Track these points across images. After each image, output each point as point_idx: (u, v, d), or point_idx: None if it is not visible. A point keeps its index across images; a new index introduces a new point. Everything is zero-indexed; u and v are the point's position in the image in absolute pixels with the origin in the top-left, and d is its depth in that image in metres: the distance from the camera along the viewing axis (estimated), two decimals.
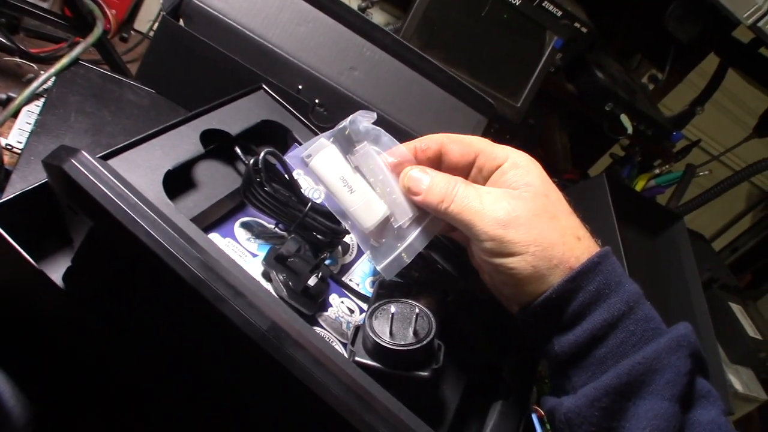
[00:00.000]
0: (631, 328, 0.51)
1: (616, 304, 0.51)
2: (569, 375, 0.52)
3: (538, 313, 0.52)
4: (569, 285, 0.51)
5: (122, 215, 0.38)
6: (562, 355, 0.52)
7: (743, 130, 1.69)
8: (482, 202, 0.52)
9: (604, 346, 0.50)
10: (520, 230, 0.51)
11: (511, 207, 0.51)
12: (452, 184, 0.53)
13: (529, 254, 0.50)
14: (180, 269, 0.38)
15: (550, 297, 0.51)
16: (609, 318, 0.50)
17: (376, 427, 0.39)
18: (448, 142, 0.57)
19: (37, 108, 0.71)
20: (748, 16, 1.08)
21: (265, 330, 0.38)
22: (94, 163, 0.39)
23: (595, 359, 0.51)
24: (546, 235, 0.51)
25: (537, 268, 0.51)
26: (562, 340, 0.52)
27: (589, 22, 1.13)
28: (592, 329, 0.50)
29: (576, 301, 0.51)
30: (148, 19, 1.03)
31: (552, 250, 0.51)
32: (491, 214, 0.51)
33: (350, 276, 0.65)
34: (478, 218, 0.51)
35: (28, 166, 0.61)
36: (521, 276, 0.51)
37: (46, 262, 0.48)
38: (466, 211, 0.52)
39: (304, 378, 0.38)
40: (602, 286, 0.51)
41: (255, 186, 0.57)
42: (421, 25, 1.00)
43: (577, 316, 0.51)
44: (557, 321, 0.52)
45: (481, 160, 0.56)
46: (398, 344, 0.51)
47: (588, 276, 0.51)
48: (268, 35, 0.78)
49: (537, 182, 0.54)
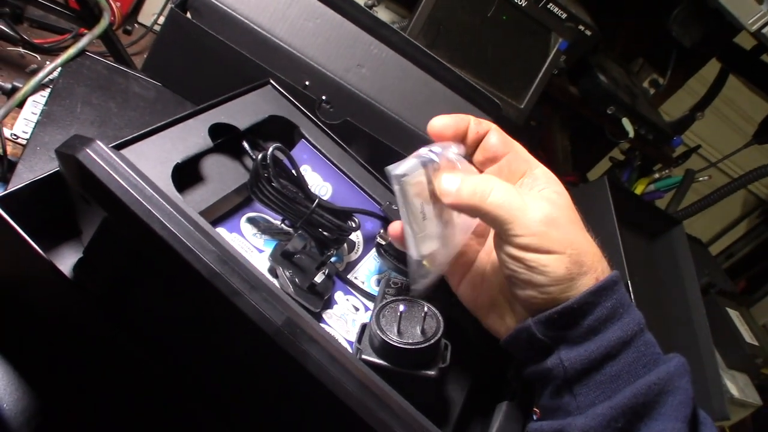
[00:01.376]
0: (641, 349, 0.50)
1: (629, 323, 0.51)
2: (575, 392, 0.51)
3: (554, 321, 0.51)
4: (591, 297, 0.50)
5: (137, 206, 0.37)
6: (571, 369, 0.50)
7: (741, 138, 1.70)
8: (524, 199, 0.51)
9: (617, 364, 0.50)
10: (560, 231, 0.50)
11: (551, 208, 0.51)
12: (485, 180, 0.53)
13: (566, 255, 0.50)
14: (195, 262, 0.37)
15: (571, 307, 0.50)
16: (624, 336, 0.50)
17: (390, 424, 0.39)
18: (494, 130, 0.57)
19: (42, 98, 0.71)
20: (752, 22, 1.08)
21: (281, 325, 0.38)
22: (109, 153, 0.38)
23: (606, 377, 0.50)
24: (580, 242, 0.51)
25: (570, 271, 0.50)
26: (572, 355, 0.51)
27: (593, 25, 1.14)
28: (606, 346, 0.50)
29: (593, 315, 0.50)
30: (152, 12, 1.03)
31: (585, 256, 0.51)
32: (533, 212, 0.51)
33: (355, 274, 0.65)
34: (521, 213, 0.50)
35: (35, 156, 0.60)
36: (553, 276, 0.50)
37: (53, 253, 0.48)
38: (507, 206, 0.51)
39: (318, 374, 0.38)
40: (618, 304, 0.51)
41: (262, 181, 0.57)
42: (426, 24, 1.00)
43: (591, 330, 0.50)
44: (570, 333, 0.51)
45: (510, 158, 0.56)
46: (406, 342, 0.51)
47: (608, 293, 0.51)
48: (276, 30, 0.77)
49: (565, 195, 0.54)
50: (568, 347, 0.51)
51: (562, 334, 0.51)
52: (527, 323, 0.53)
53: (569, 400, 0.51)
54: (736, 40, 1.46)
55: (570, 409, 0.51)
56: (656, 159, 1.56)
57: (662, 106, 1.66)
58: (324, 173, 0.67)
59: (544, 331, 0.52)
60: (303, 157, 0.66)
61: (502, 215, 0.51)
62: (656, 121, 1.38)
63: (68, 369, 0.50)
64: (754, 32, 1.12)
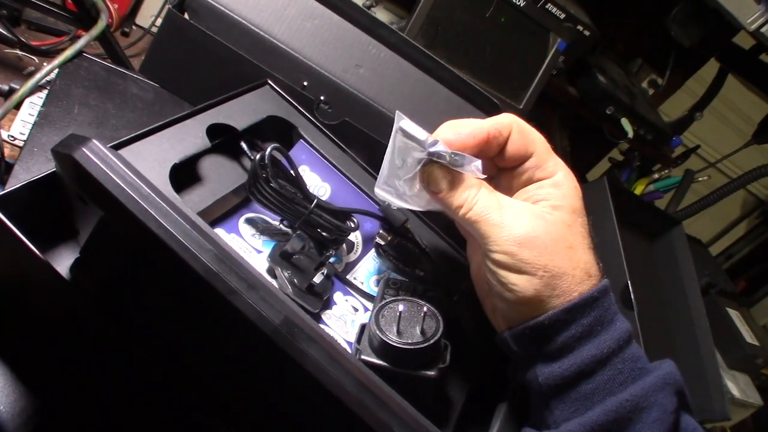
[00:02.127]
0: (619, 366, 0.50)
1: (606, 341, 0.50)
2: (551, 407, 0.51)
3: (527, 336, 0.51)
4: (564, 315, 0.49)
5: (134, 205, 0.37)
6: (545, 386, 0.50)
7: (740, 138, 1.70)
8: (502, 216, 0.50)
9: (591, 382, 0.49)
10: (534, 252, 0.49)
11: (531, 226, 0.50)
12: (474, 192, 0.52)
13: (536, 278, 0.49)
14: (193, 261, 0.37)
15: (542, 323, 0.50)
16: (598, 354, 0.49)
17: (389, 424, 0.39)
18: (516, 129, 0.55)
19: (39, 100, 0.70)
20: (751, 21, 1.08)
21: (278, 324, 0.38)
22: (105, 153, 0.38)
23: (580, 394, 0.49)
24: (557, 264, 0.50)
25: (539, 293, 0.49)
26: (546, 371, 0.50)
27: (592, 25, 1.13)
28: (580, 364, 0.49)
29: (567, 332, 0.50)
30: (150, 14, 1.02)
31: (560, 279, 0.50)
32: (509, 230, 0.50)
33: (354, 274, 0.65)
34: (496, 231, 0.50)
35: (32, 157, 0.60)
36: (521, 295, 0.50)
37: (50, 253, 0.48)
38: (484, 221, 0.50)
39: (317, 373, 0.38)
40: (596, 322, 0.50)
41: (261, 182, 0.56)
42: (425, 24, 1.00)
43: (565, 348, 0.50)
44: (545, 349, 0.51)
45: (531, 163, 0.55)
46: (405, 343, 0.51)
47: (584, 310, 0.50)
48: (274, 31, 0.77)
49: (566, 209, 0.53)
50: (543, 363, 0.51)
51: (536, 348, 0.51)
52: (504, 334, 0.53)
53: (546, 414, 0.51)
54: (735, 40, 1.46)
55: (548, 422, 0.51)
56: (655, 159, 1.56)
57: (661, 107, 1.66)
58: (322, 173, 0.67)
59: (518, 345, 0.52)
60: (301, 158, 0.66)
61: (480, 229, 0.51)
62: (655, 121, 1.37)
63: (66, 369, 0.50)
64: (752, 32, 1.12)
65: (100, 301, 0.45)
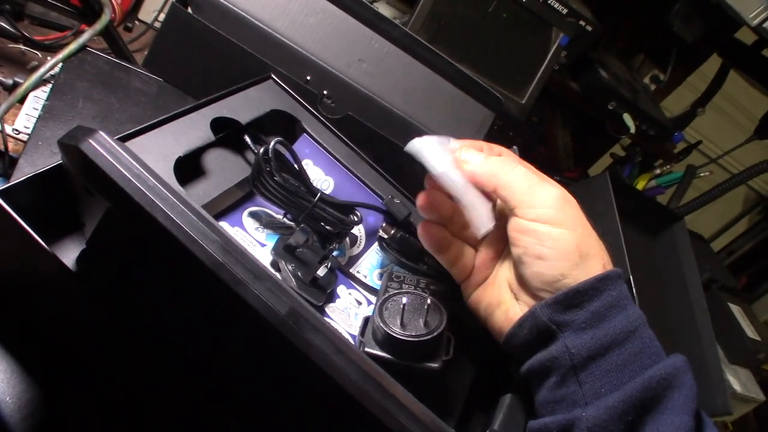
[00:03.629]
0: (646, 341, 0.51)
1: (633, 315, 0.52)
2: (581, 380, 0.51)
3: (561, 304, 0.51)
4: (598, 284, 0.51)
5: (140, 196, 0.37)
6: (577, 356, 0.50)
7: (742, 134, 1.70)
8: (543, 177, 0.54)
9: (622, 353, 0.50)
10: (574, 210, 0.53)
11: (566, 193, 0.54)
12: (510, 160, 0.55)
13: (578, 233, 0.52)
14: (199, 252, 0.37)
15: (577, 290, 0.51)
16: (628, 325, 0.51)
17: (395, 414, 0.39)
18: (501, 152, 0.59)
19: (43, 94, 0.71)
20: (754, 16, 1.08)
21: (285, 314, 0.38)
22: (112, 144, 0.38)
23: (613, 365, 0.50)
24: (590, 228, 0.54)
25: (579, 248, 0.52)
26: (578, 342, 0.51)
27: (594, 20, 1.13)
28: (612, 333, 0.50)
29: (599, 301, 0.51)
30: (153, 9, 1.02)
31: (594, 240, 0.53)
32: (550, 189, 0.53)
33: (358, 268, 0.65)
34: (539, 188, 0.53)
35: (36, 151, 0.60)
36: (563, 250, 0.52)
37: (56, 245, 0.48)
38: (528, 178, 0.54)
39: (322, 363, 0.38)
40: (622, 295, 0.52)
41: (264, 175, 0.56)
42: (427, 19, 1.00)
43: (597, 316, 0.51)
44: (577, 319, 0.51)
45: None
46: (409, 335, 0.51)
47: (613, 282, 0.52)
48: (277, 25, 0.77)
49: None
50: (573, 333, 0.51)
51: (567, 318, 0.51)
52: (533, 309, 0.53)
53: (575, 390, 0.51)
54: (737, 35, 1.46)
55: (576, 398, 0.51)
56: (657, 155, 1.56)
57: (663, 102, 1.66)
58: (326, 167, 0.67)
59: (550, 315, 0.52)
60: (305, 152, 0.66)
61: (521, 188, 0.53)
62: (657, 116, 1.37)
63: (71, 361, 0.50)
64: (754, 27, 1.11)
65: (105, 292, 0.45)
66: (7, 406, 0.47)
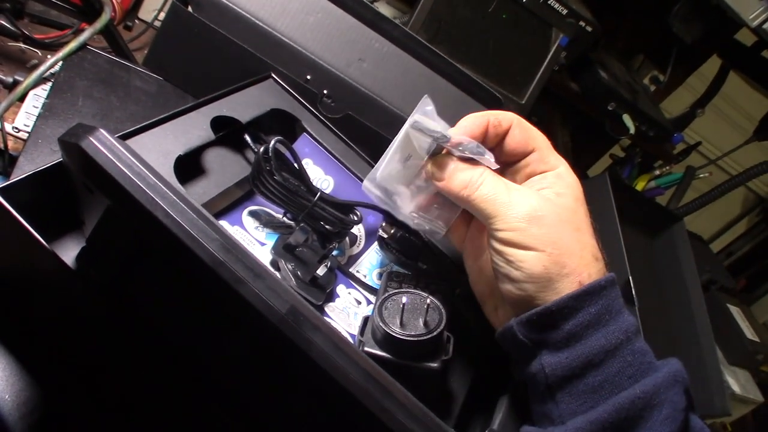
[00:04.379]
0: (628, 358, 0.49)
1: (614, 331, 0.49)
2: (557, 400, 0.50)
3: (534, 323, 0.50)
4: (571, 302, 0.49)
5: (141, 195, 0.37)
6: (552, 376, 0.50)
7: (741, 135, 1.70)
8: (510, 195, 0.51)
9: (600, 374, 0.49)
10: (542, 229, 0.50)
11: (538, 205, 0.51)
12: (478, 173, 0.53)
13: (545, 254, 0.49)
14: (199, 250, 0.37)
15: (550, 309, 0.49)
16: (606, 344, 0.49)
17: (394, 413, 0.39)
18: (517, 125, 0.56)
19: (43, 92, 0.70)
20: (753, 17, 1.08)
21: (285, 313, 0.38)
22: (112, 142, 0.38)
23: (588, 386, 0.49)
24: (566, 242, 0.50)
25: (548, 270, 0.49)
26: (553, 361, 0.50)
27: (594, 21, 1.13)
28: (588, 353, 0.49)
29: (575, 319, 0.49)
30: (153, 8, 1.02)
31: (568, 257, 0.50)
32: (517, 208, 0.50)
33: (357, 267, 0.65)
34: (503, 209, 0.51)
35: (36, 149, 0.60)
36: (529, 272, 0.50)
37: (56, 243, 0.48)
38: (492, 200, 0.51)
39: (322, 362, 0.38)
40: (603, 310, 0.50)
41: (264, 174, 0.56)
42: (427, 19, 1.00)
43: (572, 336, 0.49)
44: (551, 338, 0.50)
45: (533, 158, 0.56)
46: (409, 334, 0.51)
47: (592, 298, 0.50)
48: (277, 24, 0.77)
49: (570, 196, 0.54)
50: (549, 352, 0.50)
51: (542, 337, 0.50)
52: (510, 324, 0.53)
53: (552, 407, 0.50)
54: (737, 36, 1.46)
55: (552, 416, 0.50)
56: (657, 156, 1.56)
57: (663, 103, 1.66)
58: (325, 167, 0.67)
59: (525, 333, 0.51)
60: (305, 151, 0.66)
61: (487, 209, 0.51)
62: (657, 117, 1.38)
63: (71, 359, 0.50)
64: (754, 28, 1.12)
65: (105, 290, 0.45)
66: (6, 404, 0.47)
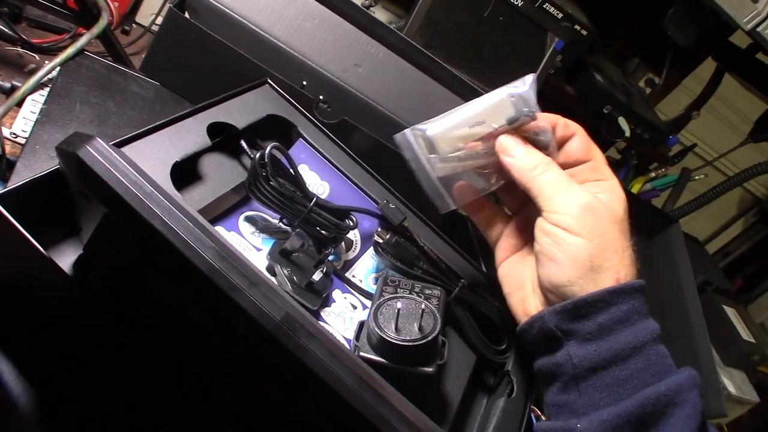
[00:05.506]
0: (653, 358, 0.51)
1: (642, 331, 0.51)
2: (581, 391, 0.51)
3: (568, 312, 0.52)
4: (607, 296, 0.51)
5: (138, 203, 0.38)
6: (579, 367, 0.51)
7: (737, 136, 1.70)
8: (571, 184, 0.55)
9: (626, 369, 0.50)
10: (595, 219, 0.53)
11: (594, 201, 0.54)
12: (547, 160, 0.56)
13: (593, 243, 0.52)
14: (195, 258, 0.38)
15: (586, 300, 0.51)
16: (635, 341, 0.51)
17: (389, 419, 0.39)
18: (581, 134, 0.59)
19: (41, 97, 0.71)
20: (747, 20, 1.08)
21: (280, 320, 0.38)
22: (109, 150, 0.39)
23: (614, 380, 0.50)
24: (613, 239, 0.53)
25: (592, 259, 0.52)
26: (581, 352, 0.51)
27: (589, 25, 1.14)
28: (617, 348, 0.50)
29: (608, 313, 0.51)
30: (150, 12, 1.03)
31: (612, 252, 0.52)
32: (575, 196, 0.54)
33: (353, 272, 0.65)
34: (565, 193, 0.54)
35: (34, 154, 0.61)
36: (575, 257, 0.52)
37: (53, 250, 0.48)
38: (556, 183, 0.54)
39: (317, 368, 0.38)
40: (634, 310, 0.52)
41: (260, 180, 0.57)
42: (423, 24, 1.00)
43: (603, 329, 0.51)
44: (583, 329, 0.52)
45: (589, 166, 0.58)
46: (404, 339, 0.51)
47: (626, 296, 0.52)
48: (274, 30, 0.78)
49: (620, 205, 0.56)
50: (578, 343, 0.52)
51: (573, 327, 0.52)
52: (542, 313, 0.54)
53: (575, 398, 0.52)
54: (732, 39, 1.46)
55: (575, 407, 0.51)
56: (652, 158, 1.56)
57: (658, 106, 1.66)
58: (321, 172, 0.67)
59: (557, 322, 0.53)
60: (301, 156, 0.67)
61: (548, 191, 0.54)
62: (652, 120, 1.38)
63: (70, 364, 0.50)
64: (748, 31, 1.12)
65: (102, 297, 0.46)
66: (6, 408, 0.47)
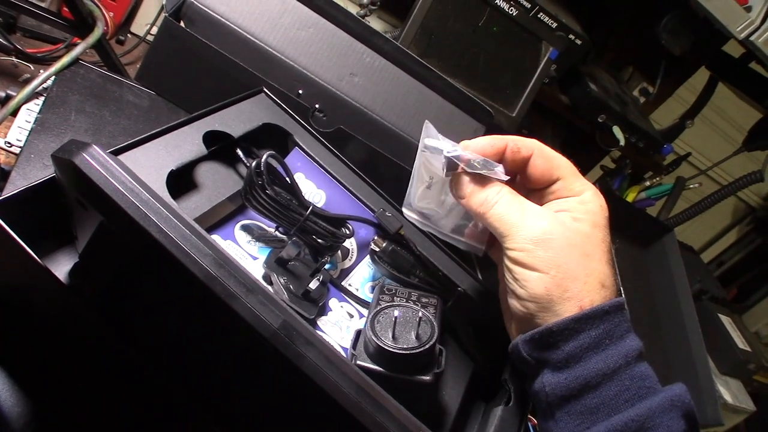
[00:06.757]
0: (626, 383, 0.50)
1: (613, 356, 0.50)
2: (556, 419, 0.51)
3: (536, 342, 0.52)
4: (572, 324, 0.50)
5: (134, 210, 0.38)
6: (552, 395, 0.51)
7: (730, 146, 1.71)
8: (522, 216, 0.53)
9: (597, 396, 0.50)
10: (549, 252, 0.51)
11: (549, 228, 0.52)
12: (494, 192, 0.54)
13: (549, 276, 0.51)
14: (192, 266, 0.38)
15: (551, 330, 0.51)
16: (604, 368, 0.50)
17: (387, 427, 0.39)
18: (539, 154, 0.57)
19: (36, 106, 0.71)
20: (740, 30, 1.09)
21: (277, 327, 0.38)
22: (105, 158, 0.39)
23: (585, 407, 0.50)
24: (571, 267, 0.51)
25: (549, 292, 0.51)
26: (553, 381, 0.51)
27: (584, 34, 1.15)
28: (586, 376, 0.50)
29: (575, 341, 0.50)
30: (145, 22, 1.03)
31: (571, 282, 0.51)
32: (526, 229, 0.52)
33: (349, 281, 0.65)
34: (514, 230, 0.52)
35: (29, 164, 0.61)
36: (531, 292, 0.51)
37: (49, 258, 0.48)
38: (504, 219, 0.53)
39: (314, 376, 0.38)
40: (604, 335, 0.51)
41: (256, 189, 0.57)
42: (418, 33, 1.00)
43: (572, 357, 0.50)
44: (552, 358, 0.51)
45: (557, 186, 0.57)
46: (401, 348, 0.51)
47: (594, 322, 0.51)
48: (269, 39, 0.78)
49: (587, 222, 0.54)
50: (550, 371, 0.51)
51: (544, 356, 0.52)
52: (516, 341, 0.54)
53: (552, 425, 0.52)
54: (725, 48, 1.47)
55: None
56: (647, 167, 1.56)
57: (652, 115, 1.67)
58: (317, 181, 0.67)
59: (528, 351, 0.53)
60: (297, 165, 0.67)
61: (499, 228, 0.53)
62: (647, 129, 1.38)
63: (66, 372, 0.50)
64: (741, 40, 1.13)
65: (98, 305, 0.45)
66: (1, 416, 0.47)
